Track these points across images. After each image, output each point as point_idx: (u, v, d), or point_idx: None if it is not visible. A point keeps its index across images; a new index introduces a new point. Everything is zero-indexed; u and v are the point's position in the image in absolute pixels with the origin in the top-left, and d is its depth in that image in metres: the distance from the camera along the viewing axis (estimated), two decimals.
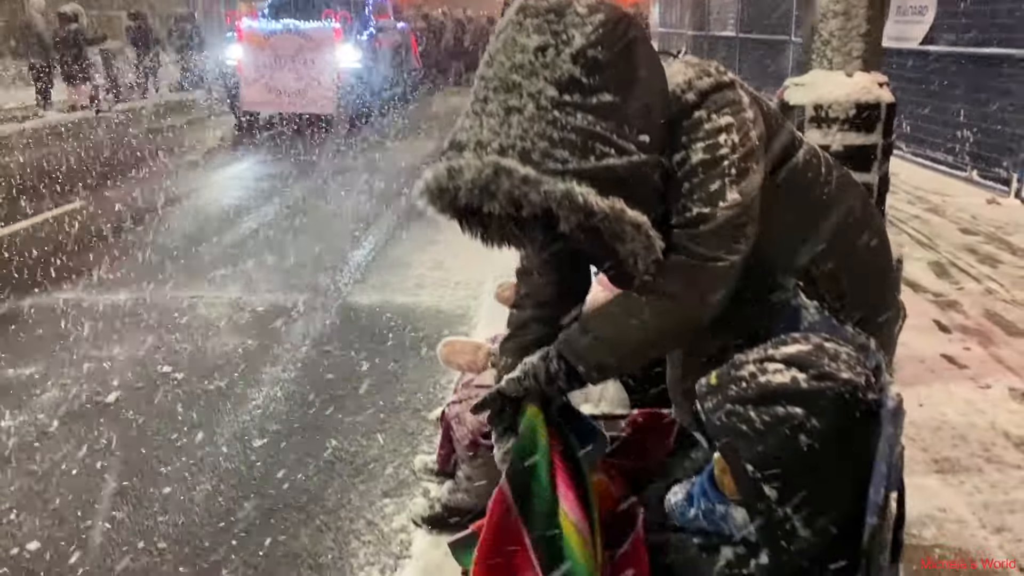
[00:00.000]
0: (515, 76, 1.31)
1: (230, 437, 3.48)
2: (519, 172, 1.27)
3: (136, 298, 5.19)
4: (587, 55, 1.29)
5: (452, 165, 1.32)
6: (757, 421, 1.23)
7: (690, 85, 1.44)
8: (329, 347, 4.44)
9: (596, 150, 1.29)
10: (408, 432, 3.52)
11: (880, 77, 3.29)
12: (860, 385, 1.22)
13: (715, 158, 1.42)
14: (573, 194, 1.27)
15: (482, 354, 2.59)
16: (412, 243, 6.54)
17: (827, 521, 1.22)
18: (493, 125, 1.31)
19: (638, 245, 1.34)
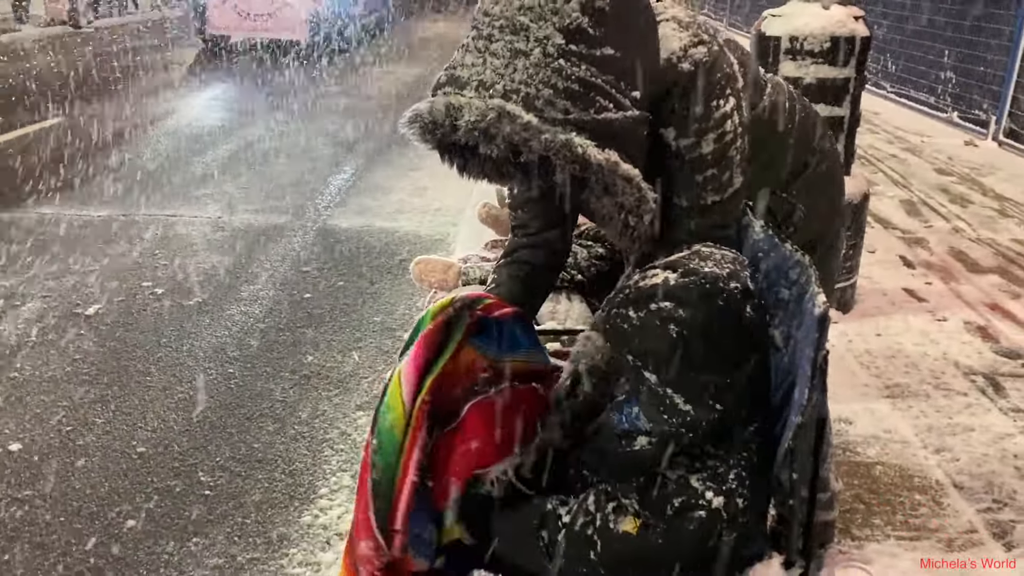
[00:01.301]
0: (523, 18, 1.31)
1: (208, 350, 3.56)
2: (522, 118, 1.27)
3: (116, 215, 5.22)
4: (595, 5, 1.31)
5: (451, 102, 1.30)
6: (635, 319, 1.34)
7: (686, 53, 1.46)
8: (307, 268, 4.51)
9: (596, 103, 1.31)
10: (383, 350, 3.62)
11: (856, 11, 3.32)
12: (721, 276, 1.32)
13: (724, 147, 1.49)
14: (572, 145, 1.28)
15: (453, 273, 2.67)
16: (394, 168, 6.55)
17: (708, 397, 1.33)
18: (498, 66, 1.30)
19: (629, 198, 1.37)
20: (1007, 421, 2.83)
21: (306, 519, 2.55)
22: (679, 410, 1.32)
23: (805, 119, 1.77)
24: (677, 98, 1.48)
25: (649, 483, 1.37)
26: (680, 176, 1.53)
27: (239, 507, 2.60)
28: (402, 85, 10.23)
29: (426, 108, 1.33)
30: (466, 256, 2.90)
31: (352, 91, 9.66)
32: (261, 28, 11.56)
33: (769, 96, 1.68)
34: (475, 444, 1.52)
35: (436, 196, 5.86)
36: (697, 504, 1.28)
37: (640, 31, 1.40)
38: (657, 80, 1.46)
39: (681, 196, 1.55)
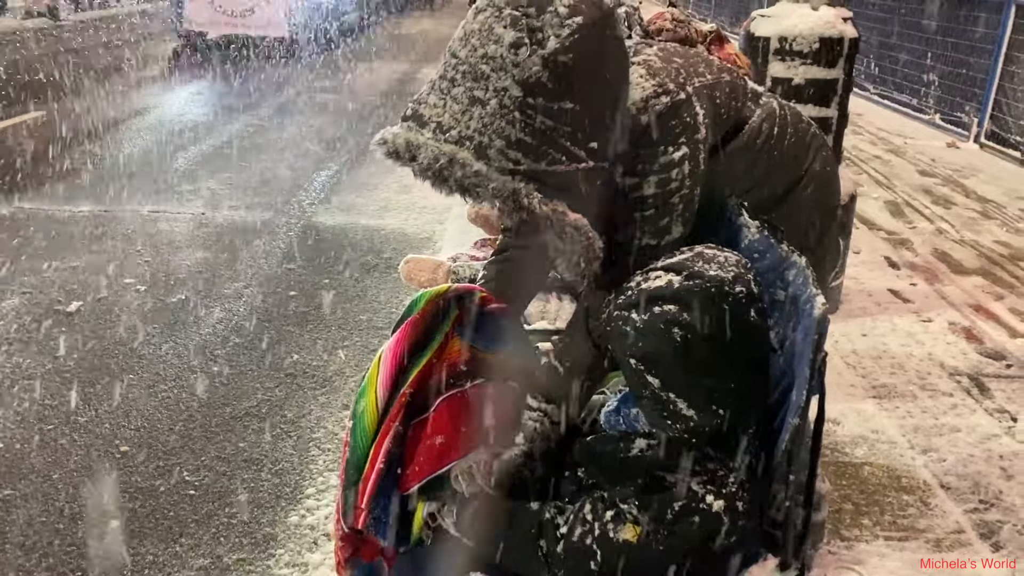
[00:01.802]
0: (485, 66, 1.32)
1: (192, 348, 3.52)
2: (472, 166, 1.30)
3: (97, 210, 5.16)
4: (558, 60, 1.31)
5: (411, 139, 1.34)
6: (638, 321, 1.34)
7: (646, 105, 1.48)
8: (292, 265, 4.47)
9: (548, 155, 1.33)
10: (369, 349, 3.59)
11: (845, 12, 3.34)
12: (726, 280, 1.32)
13: (666, 192, 1.51)
14: (519, 195, 1.31)
15: (442, 272, 2.65)
16: (379, 165, 6.49)
17: (711, 403, 1.32)
18: (456, 112, 1.33)
19: (577, 245, 1.39)
20: (992, 422, 2.85)
21: (293, 519, 2.53)
22: (682, 415, 1.31)
23: (799, 141, 1.75)
24: (628, 140, 1.50)
25: (649, 487, 1.36)
26: (620, 213, 1.55)
27: (225, 507, 2.57)
28: (386, 82, 10.18)
29: (390, 137, 1.37)
30: (455, 255, 2.88)
31: (336, 88, 9.60)
32: (240, 24, 11.31)
33: (750, 125, 1.68)
34: (440, 439, 1.53)
35: (422, 194, 5.82)
36: (698, 508, 1.27)
37: (606, 84, 1.40)
38: (617, 126, 1.46)
39: (619, 232, 1.57)
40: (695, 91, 1.53)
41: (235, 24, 11.32)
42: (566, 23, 1.32)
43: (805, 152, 1.80)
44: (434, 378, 1.55)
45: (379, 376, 1.53)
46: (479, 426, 1.53)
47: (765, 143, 1.70)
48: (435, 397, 1.53)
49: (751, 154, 1.69)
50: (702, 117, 1.53)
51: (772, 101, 1.80)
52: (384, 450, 1.45)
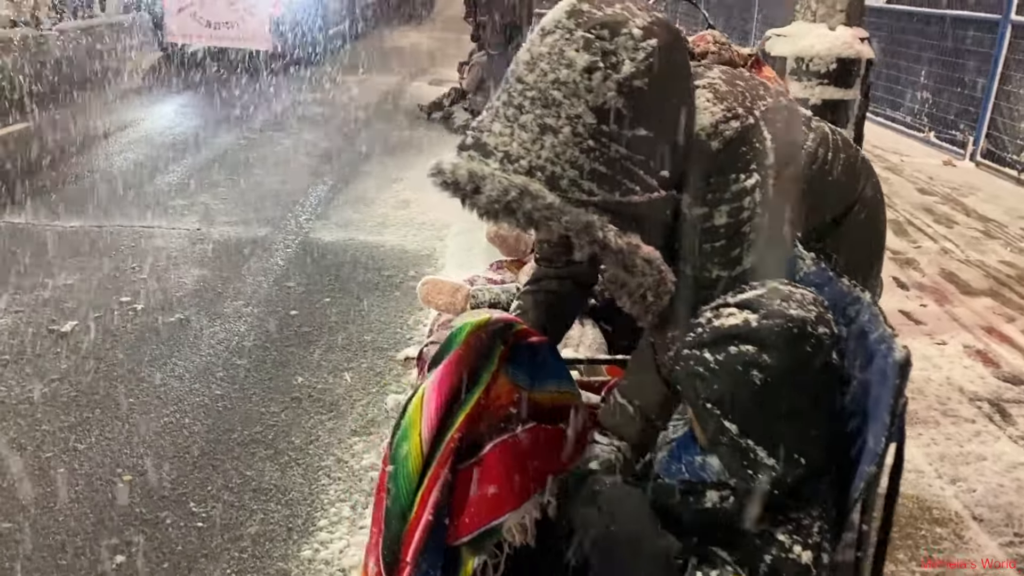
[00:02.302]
0: (556, 92, 1.26)
1: (193, 370, 3.42)
2: (545, 198, 1.23)
3: (89, 225, 5.04)
4: (632, 85, 1.25)
5: (475, 169, 1.26)
6: (712, 362, 1.26)
7: (716, 130, 1.40)
8: (292, 283, 4.37)
9: (623, 185, 1.27)
10: (375, 371, 3.51)
11: (861, 32, 3.30)
12: (808, 320, 1.26)
13: (738, 222, 1.43)
14: (593, 228, 1.24)
15: (460, 296, 2.57)
16: (375, 179, 6.44)
17: (792, 451, 1.25)
18: (525, 140, 1.26)
19: (648, 279, 1.33)
20: (1018, 450, 2.81)
21: (306, 553, 2.44)
22: (763, 464, 1.23)
23: (848, 167, 1.70)
24: (698, 170, 1.43)
25: (734, 539, 1.28)
26: (688, 244, 1.48)
27: (234, 540, 2.48)
28: (377, 94, 10.10)
29: (449, 168, 1.29)
30: (472, 278, 2.81)
31: (326, 100, 9.50)
32: (222, 37, 11.01)
33: (807, 149, 1.62)
34: (492, 490, 1.44)
35: (420, 209, 5.75)
36: (787, 560, 1.20)
37: (676, 109, 1.35)
38: (686, 154, 1.40)
39: (687, 264, 1.49)
40: (762, 115, 1.47)
41: (218, 37, 11.01)
42: (641, 46, 1.26)
43: (856, 177, 1.75)
44: (483, 422, 1.46)
45: (423, 417, 1.44)
46: (532, 474, 1.45)
47: (820, 168, 1.64)
48: (485, 442, 1.45)
49: (807, 179, 1.63)
50: (770, 142, 1.47)
51: (823, 125, 1.74)
52: (433, 501, 1.36)
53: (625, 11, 1.29)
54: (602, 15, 1.28)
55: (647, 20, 1.29)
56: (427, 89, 10.40)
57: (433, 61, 13.12)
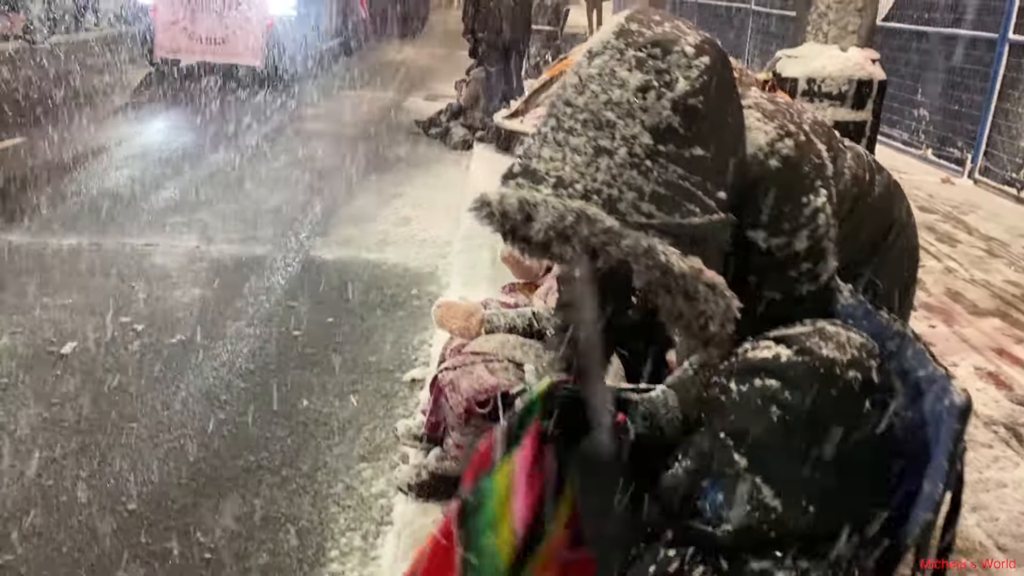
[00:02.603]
0: (609, 113, 1.22)
1: (196, 393, 3.36)
2: (603, 222, 1.19)
3: (87, 243, 4.97)
4: (688, 103, 1.22)
5: (526, 197, 1.22)
6: (735, 392, 1.24)
7: (772, 148, 1.37)
8: (294, 303, 4.32)
9: (682, 207, 1.22)
10: (382, 394, 3.45)
11: (873, 54, 3.29)
12: (839, 362, 1.21)
13: (817, 240, 1.40)
14: (655, 252, 1.19)
15: (475, 321, 2.53)
16: (374, 196, 6.39)
17: (802, 497, 1.21)
18: (579, 163, 1.22)
19: (712, 306, 1.26)
20: None
21: None
22: (766, 505, 1.19)
23: (884, 189, 1.68)
24: (765, 197, 1.39)
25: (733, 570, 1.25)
26: (772, 274, 1.44)
27: (244, 572, 2.42)
28: (373, 109, 10.09)
29: (496, 199, 1.25)
30: (486, 301, 2.77)
31: (322, 116, 9.47)
32: (213, 52, 10.80)
33: (850, 169, 1.59)
34: None
35: (421, 226, 5.72)
36: None
37: (730, 128, 1.31)
38: (742, 176, 1.36)
39: (773, 290, 1.46)
40: (811, 129, 1.45)
41: (209, 52, 10.81)
42: (694, 64, 1.23)
43: (892, 200, 1.72)
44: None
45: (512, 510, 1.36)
46: None
47: (860, 189, 1.61)
48: None
49: (846, 201, 1.59)
50: (826, 152, 1.45)
51: (857, 146, 1.72)
52: None
53: (675, 30, 1.27)
54: (652, 34, 1.25)
55: (698, 38, 1.27)
56: (423, 104, 10.40)
57: (428, 76, 13.13)
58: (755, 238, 1.41)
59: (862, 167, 1.63)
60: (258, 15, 10.58)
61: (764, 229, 1.40)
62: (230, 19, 10.56)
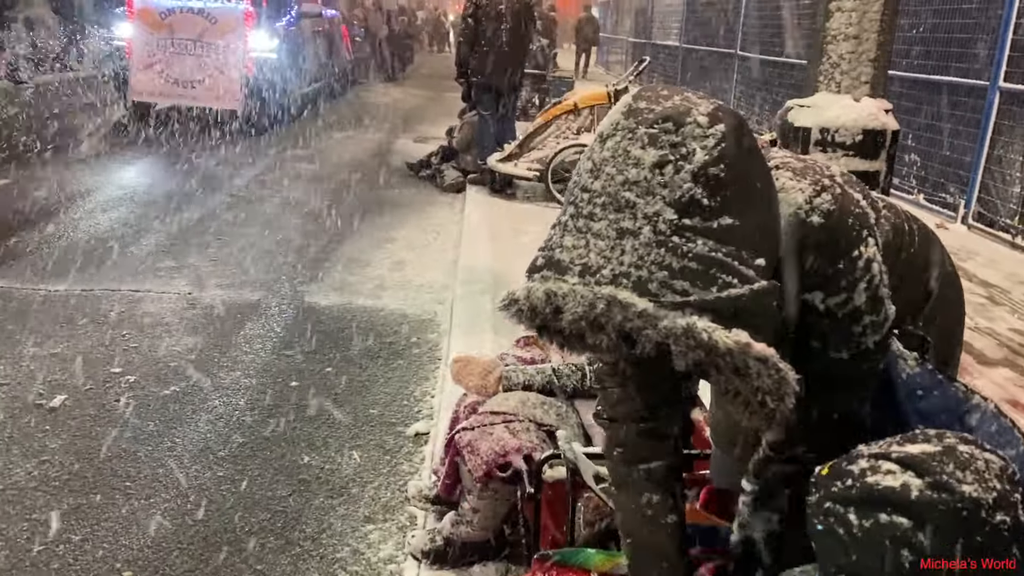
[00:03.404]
0: (628, 194, 1.16)
1: (192, 449, 3.23)
2: (636, 306, 1.12)
3: (75, 289, 4.84)
4: (708, 173, 1.15)
5: (552, 289, 1.17)
6: (856, 526, 1.09)
7: (812, 205, 1.31)
8: (290, 352, 4.20)
9: (718, 280, 1.15)
10: (385, 449, 3.33)
11: (885, 104, 3.27)
12: (985, 503, 1.04)
13: (874, 290, 1.35)
14: (695, 331, 1.12)
15: (493, 379, 2.43)
16: (368, 239, 6.30)
17: None
18: (603, 248, 1.16)
19: (766, 381, 1.17)
20: None
21: None
22: None
23: (923, 238, 1.61)
24: (814, 256, 1.32)
25: None
26: (835, 333, 1.37)
27: None
28: (363, 151, 10.05)
29: (523, 294, 1.20)
30: (503, 355, 2.67)
31: (311, 158, 9.39)
32: (190, 96, 10.35)
33: (888, 220, 1.52)
34: None
35: (416, 271, 5.63)
36: None
37: (759, 192, 1.24)
38: (785, 238, 1.30)
39: (841, 350, 1.39)
40: (843, 180, 1.39)
41: (186, 96, 10.37)
42: (709, 132, 1.16)
43: (930, 248, 1.63)
44: None
45: None
46: None
47: (902, 239, 1.54)
48: None
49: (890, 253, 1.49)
50: (864, 201, 1.39)
51: (887, 199, 1.65)
52: None
53: (685, 101, 1.21)
54: (662, 108, 1.19)
55: (710, 107, 1.21)
56: (412, 146, 10.37)
57: (416, 118, 13.14)
58: (812, 300, 1.35)
59: (899, 217, 1.57)
60: (236, 58, 10.20)
61: (820, 290, 1.34)
62: (208, 62, 10.16)
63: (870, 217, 1.38)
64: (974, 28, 7.16)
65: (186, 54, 10.12)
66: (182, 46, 10.10)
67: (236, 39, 10.10)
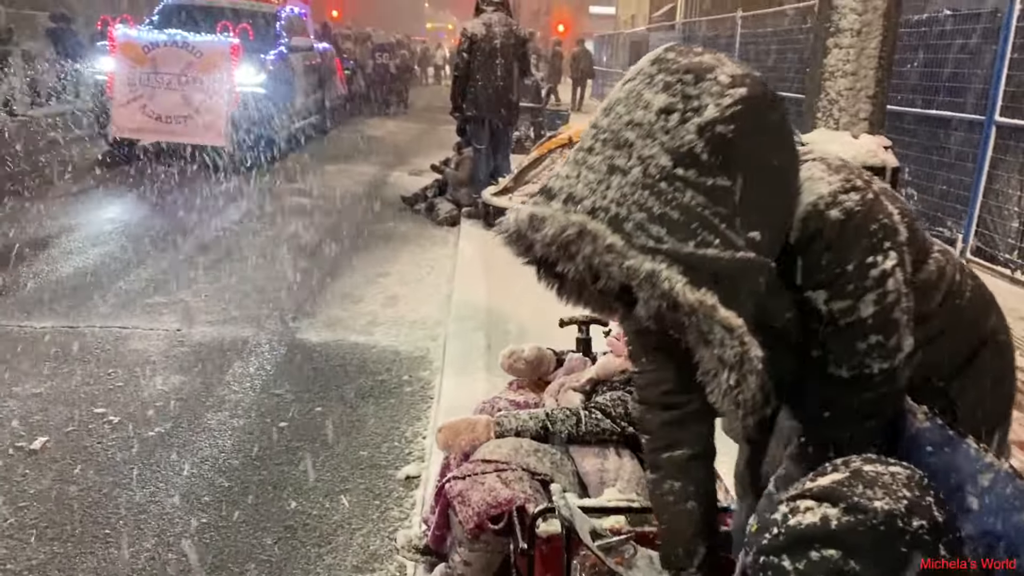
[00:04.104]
0: (629, 133, 1.15)
1: (175, 494, 3.13)
2: (605, 239, 1.11)
3: (61, 326, 4.75)
4: (715, 130, 1.12)
5: (536, 212, 1.18)
6: (792, 571, 1.07)
7: (835, 199, 1.25)
8: (279, 391, 4.11)
9: (698, 235, 1.11)
10: (375, 493, 3.24)
11: (885, 140, 3.23)
12: (898, 513, 1.06)
13: (885, 308, 1.28)
14: (658, 277, 1.09)
15: (482, 428, 2.34)
16: (361, 275, 6.24)
17: None
18: (591, 181, 1.16)
19: (728, 352, 1.14)
20: None
21: None
22: None
23: (978, 297, 1.51)
24: (824, 252, 1.26)
25: None
26: (836, 344, 1.31)
27: None
28: (357, 185, 10.00)
29: (513, 218, 1.22)
30: (493, 400, 2.59)
31: (305, 192, 9.34)
32: (175, 132, 10.00)
33: (936, 261, 1.44)
34: None
35: (410, 306, 5.55)
36: None
37: (772, 168, 1.19)
38: (798, 227, 1.25)
39: (841, 366, 1.32)
40: (880, 191, 1.32)
41: (168, 131, 10.01)
42: (728, 93, 1.13)
43: (986, 311, 1.54)
44: None
45: None
46: None
47: (950, 287, 1.45)
48: None
49: (931, 295, 1.43)
50: (898, 217, 1.30)
51: (944, 245, 1.56)
52: None
53: (716, 61, 1.18)
54: (688, 62, 1.17)
55: (739, 71, 1.17)
56: (407, 180, 10.35)
57: (411, 152, 13.13)
58: (815, 300, 1.29)
59: (952, 264, 1.48)
60: (222, 93, 9.91)
61: (825, 289, 1.28)
62: (193, 97, 9.85)
63: (899, 235, 1.30)
64: (970, 63, 7.17)
65: (170, 89, 9.83)
66: (166, 81, 9.81)
67: (222, 73, 9.86)
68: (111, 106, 9.90)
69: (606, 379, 2.43)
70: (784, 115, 1.21)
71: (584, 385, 2.47)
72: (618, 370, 2.41)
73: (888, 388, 1.34)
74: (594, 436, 2.29)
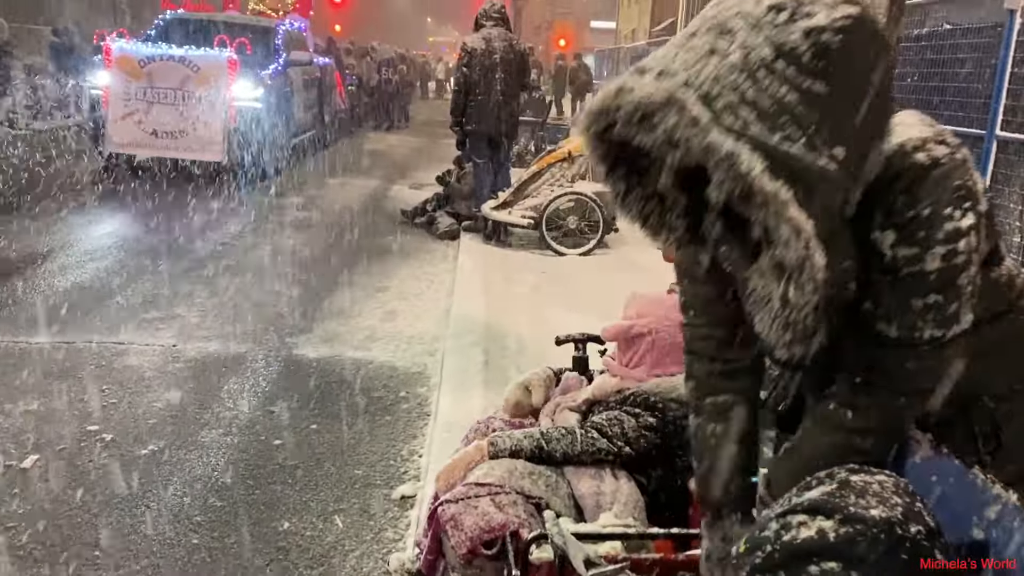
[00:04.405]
0: (736, 21, 1.13)
1: (168, 514, 3.08)
2: (691, 111, 1.08)
3: (55, 342, 4.71)
4: (821, 37, 1.10)
5: (624, 84, 1.14)
6: None
7: (924, 145, 1.23)
8: (275, 408, 4.06)
9: (785, 129, 1.08)
10: (369, 513, 3.19)
11: None
12: (896, 520, 1.05)
13: (952, 269, 1.22)
14: (738, 159, 1.06)
15: (478, 455, 2.30)
16: (359, 289, 6.20)
17: None
18: (687, 60, 1.13)
19: (791, 254, 1.09)
20: None
21: None
22: None
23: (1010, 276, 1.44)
24: (901, 193, 1.22)
25: None
26: (891, 297, 1.26)
27: None
28: (357, 199, 9.98)
29: (600, 94, 1.18)
30: (487, 420, 2.55)
31: (304, 206, 9.32)
32: (171, 147, 9.88)
33: (1008, 269, 1.39)
34: None
35: (408, 321, 5.52)
36: None
37: (866, 90, 1.16)
38: (882, 165, 1.21)
39: (891, 323, 1.27)
40: (970, 160, 1.27)
41: (164, 147, 9.88)
42: (841, 6, 1.12)
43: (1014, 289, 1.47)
44: None
45: None
46: None
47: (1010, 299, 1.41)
48: None
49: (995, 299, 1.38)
50: (980, 186, 1.26)
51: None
52: None
53: None
54: None
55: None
56: (407, 193, 10.33)
57: (411, 166, 13.12)
58: (881, 243, 1.24)
59: (1021, 277, 1.43)
60: (219, 108, 9.78)
61: (894, 231, 1.23)
62: (189, 113, 9.72)
63: (981, 204, 1.25)
64: (970, 77, 7.15)
65: (166, 104, 9.71)
66: (162, 95, 9.69)
67: (219, 88, 9.74)
68: (106, 121, 9.77)
69: (602, 399, 2.38)
70: (889, 46, 1.21)
71: (580, 405, 2.43)
72: (614, 390, 2.37)
73: (933, 362, 1.28)
74: (590, 456, 2.24)
